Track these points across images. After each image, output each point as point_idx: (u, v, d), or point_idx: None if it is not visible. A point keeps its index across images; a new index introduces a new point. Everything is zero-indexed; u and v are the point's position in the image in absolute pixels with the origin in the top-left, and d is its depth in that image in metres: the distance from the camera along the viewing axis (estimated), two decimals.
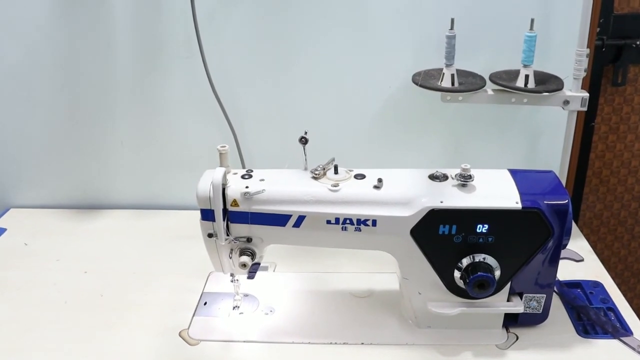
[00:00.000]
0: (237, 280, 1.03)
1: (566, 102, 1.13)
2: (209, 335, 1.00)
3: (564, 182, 1.19)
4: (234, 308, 1.05)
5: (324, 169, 0.94)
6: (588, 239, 1.25)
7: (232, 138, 1.30)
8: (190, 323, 1.02)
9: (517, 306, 0.95)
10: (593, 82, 1.33)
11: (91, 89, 1.31)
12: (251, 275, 0.97)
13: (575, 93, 1.13)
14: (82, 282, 1.15)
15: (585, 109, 1.13)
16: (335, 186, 0.91)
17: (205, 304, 1.07)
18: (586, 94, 1.12)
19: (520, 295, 0.96)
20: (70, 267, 1.19)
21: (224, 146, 0.93)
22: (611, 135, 1.43)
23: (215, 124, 1.31)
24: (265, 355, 0.96)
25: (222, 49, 1.25)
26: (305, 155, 0.94)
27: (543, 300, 0.96)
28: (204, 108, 1.30)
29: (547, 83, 1.13)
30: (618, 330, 0.98)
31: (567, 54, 1.13)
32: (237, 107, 1.29)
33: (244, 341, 0.98)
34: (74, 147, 1.38)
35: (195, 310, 1.05)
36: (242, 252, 0.95)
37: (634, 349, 0.94)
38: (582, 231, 1.31)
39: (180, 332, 1.00)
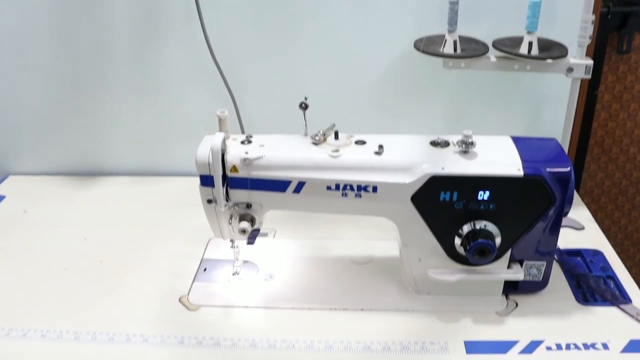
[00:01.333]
0: (237, 246, 1.02)
1: (570, 70, 1.12)
2: (209, 301, 1.00)
3: (566, 151, 1.18)
4: (233, 274, 1.05)
5: (324, 134, 0.93)
6: (589, 208, 1.25)
7: (232, 104, 1.29)
8: (190, 289, 1.02)
9: (517, 273, 0.95)
10: (597, 50, 1.32)
11: (89, 56, 1.29)
12: (251, 241, 0.97)
13: (579, 60, 1.11)
14: (81, 248, 1.15)
15: (589, 76, 1.12)
16: (335, 152, 0.90)
17: (204, 270, 1.07)
18: (590, 62, 1.11)
19: (521, 262, 0.96)
20: (69, 234, 1.19)
21: (223, 111, 0.92)
22: (614, 103, 1.41)
23: (214, 90, 1.29)
24: (264, 320, 0.96)
25: (222, 14, 1.23)
26: (306, 120, 0.93)
27: (543, 268, 0.96)
28: (203, 74, 1.28)
29: (551, 50, 1.12)
30: (617, 298, 0.98)
31: (572, 21, 1.11)
32: (236, 73, 1.28)
33: (244, 307, 0.99)
34: (72, 113, 1.37)
35: (195, 277, 1.05)
36: (242, 218, 0.94)
37: (632, 316, 0.95)
38: (582, 200, 1.30)
39: (180, 298, 1.01)
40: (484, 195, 0.88)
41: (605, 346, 0.89)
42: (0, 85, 1.34)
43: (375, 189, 0.90)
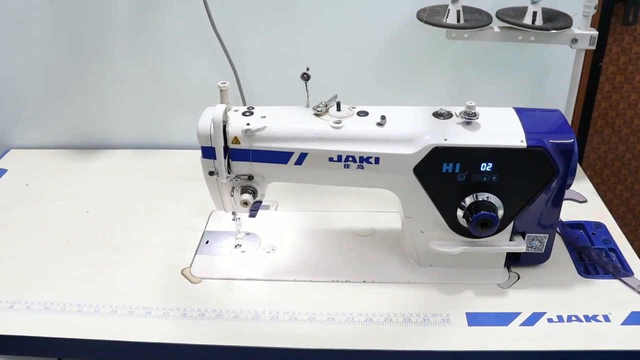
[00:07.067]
0: (239, 218, 1.02)
1: (574, 41, 1.10)
2: (211, 273, 1.00)
3: (569, 123, 1.18)
4: (235, 246, 1.05)
5: (326, 105, 0.92)
6: (591, 181, 1.24)
7: (233, 76, 1.28)
8: (193, 261, 1.03)
9: (519, 246, 0.95)
10: (602, 21, 1.30)
11: (90, 27, 1.28)
12: (253, 213, 0.97)
13: (584, 31, 1.10)
14: (84, 221, 1.15)
15: (593, 47, 1.11)
16: (337, 123, 0.90)
17: (207, 242, 1.07)
18: (595, 32, 1.10)
19: (523, 234, 0.96)
20: (71, 207, 1.19)
21: (225, 82, 0.91)
22: (619, 75, 1.40)
23: (215, 61, 1.28)
24: (267, 293, 0.96)
25: None
26: (307, 91, 0.92)
27: (545, 240, 0.96)
28: (204, 45, 1.27)
29: (556, 20, 1.11)
30: (619, 270, 0.98)
31: None
32: (237, 44, 1.27)
33: (246, 279, 0.99)
34: (73, 86, 1.36)
35: (197, 249, 1.05)
36: (244, 190, 0.94)
37: (634, 288, 0.95)
38: (585, 173, 1.30)
39: (182, 271, 1.01)
40: (486, 166, 0.88)
41: (606, 318, 0.90)
42: (0, 59, 1.33)
43: (377, 160, 0.89)
